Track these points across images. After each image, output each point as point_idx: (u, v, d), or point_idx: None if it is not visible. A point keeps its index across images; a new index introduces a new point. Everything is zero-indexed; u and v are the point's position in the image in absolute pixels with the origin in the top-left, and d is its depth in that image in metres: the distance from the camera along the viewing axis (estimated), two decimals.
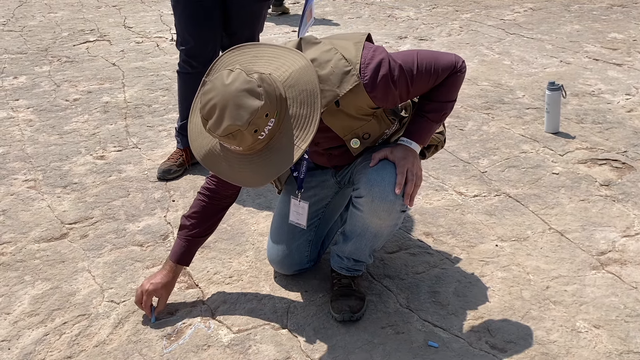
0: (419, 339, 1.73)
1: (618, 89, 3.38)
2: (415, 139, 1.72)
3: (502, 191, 2.47)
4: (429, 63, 1.66)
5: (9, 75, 4.06)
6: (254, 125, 1.42)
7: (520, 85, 3.53)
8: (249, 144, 1.45)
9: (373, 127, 1.71)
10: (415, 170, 1.68)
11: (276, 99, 1.46)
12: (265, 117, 1.43)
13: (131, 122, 3.28)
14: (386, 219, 1.72)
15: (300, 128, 1.48)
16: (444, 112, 1.74)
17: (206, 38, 2.58)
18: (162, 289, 1.84)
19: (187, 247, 1.86)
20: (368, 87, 1.58)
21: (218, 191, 1.83)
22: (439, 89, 1.70)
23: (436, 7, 5.39)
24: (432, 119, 1.73)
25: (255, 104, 1.41)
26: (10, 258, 2.18)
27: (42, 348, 1.77)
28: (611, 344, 1.69)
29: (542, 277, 1.96)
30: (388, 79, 1.59)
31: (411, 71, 1.63)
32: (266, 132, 1.45)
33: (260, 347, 1.74)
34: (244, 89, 1.42)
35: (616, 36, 4.29)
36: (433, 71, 1.66)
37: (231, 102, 1.41)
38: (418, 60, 1.65)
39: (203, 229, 1.86)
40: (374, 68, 1.59)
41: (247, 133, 1.42)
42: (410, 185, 1.67)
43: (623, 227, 2.19)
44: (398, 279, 1.99)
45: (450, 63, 1.68)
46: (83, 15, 5.54)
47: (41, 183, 2.69)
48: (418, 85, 1.66)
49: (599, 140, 2.82)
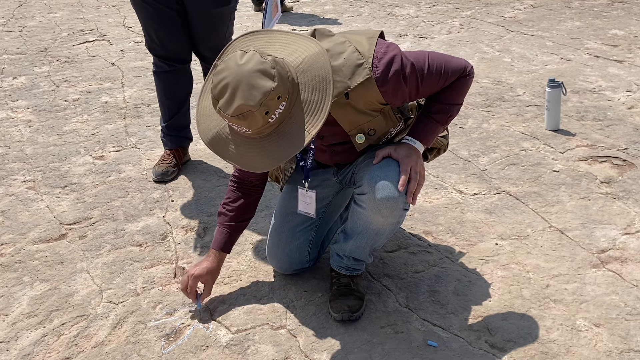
0: (419, 339, 1.73)
1: (619, 86, 3.37)
2: (419, 138, 1.72)
3: (502, 189, 2.46)
4: (440, 64, 1.67)
5: (8, 75, 4.06)
6: (265, 107, 1.41)
7: (520, 83, 3.51)
8: (259, 127, 1.44)
9: (379, 124, 1.71)
10: (418, 168, 1.68)
11: (289, 82, 1.45)
12: (277, 100, 1.42)
13: (130, 122, 3.28)
14: (388, 216, 1.71)
15: (310, 114, 1.47)
16: (450, 114, 1.74)
17: (177, 40, 2.52)
18: (207, 274, 1.85)
19: (228, 235, 1.88)
20: (379, 81, 1.58)
21: (242, 178, 1.86)
22: (447, 91, 1.71)
23: (436, 4, 5.38)
24: (437, 120, 1.73)
25: (268, 85, 1.40)
26: (9, 259, 2.18)
27: (40, 349, 1.77)
28: (611, 342, 1.68)
29: (542, 275, 1.95)
30: (399, 74, 1.60)
31: (422, 70, 1.64)
32: (277, 115, 1.44)
33: (259, 347, 1.73)
34: (257, 70, 1.41)
35: (617, 33, 4.27)
36: (443, 72, 1.67)
37: (244, 82, 1.40)
38: (429, 60, 1.66)
39: (238, 215, 1.88)
40: (387, 63, 1.59)
41: (258, 114, 1.41)
42: (414, 183, 1.66)
43: (624, 225, 2.18)
44: (397, 278, 1.98)
45: (459, 66, 1.70)
46: (82, 15, 5.54)
47: (40, 183, 2.69)
48: (427, 84, 1.67)
49: (600, 137, 2.81)
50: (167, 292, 1.98)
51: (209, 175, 2.71)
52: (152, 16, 2.48)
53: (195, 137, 2.96)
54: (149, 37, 2.55)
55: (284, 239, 1.94)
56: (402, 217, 1.75)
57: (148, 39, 2.56)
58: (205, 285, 1.87)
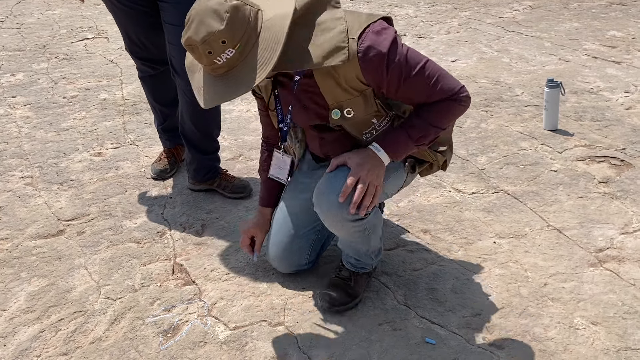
0: (417, 336, 1.73)
1: (617, 87, 3.38)
2: (385, 147, 1.63)
3: (500, 188, 2.46)
4: (433, 74, 1.59)
5: (6, 72, 4.05)
6: (207, 46, 1.43)
7: (519, 83, 3.52)
8: (204, 63, 1.48)
9: (358, 105, 1.62)
10: (369, 178, 1.60)
11: (242, 32, 1.45)
12: (222, 44, 1.43)
13: (129, 119, 3.27)
14: (341, 229, 1.70)
15: (260, 68, 1.46)
16: (425, 135, 1.63)
17: (157, 42, 2.41)
18: (255, 228, 1.95)
19: (267, 190, 1.97)
20: (361, 53, 1.52)
21: (267, 135, 1.96)
22: (431, 108, 1.62)
23: (435, 4, 5.38)
24: (410, 136, 1.63)
25: (214, 26, 1.42)
26: (7, 255, 2.18)
27: (37, 345, 1.76)
28: (609, 340, 1.68)
29: (540, 274, 1.96)
30: (384, 58, 1.52)
31: (410, 68, 1.56)
32: (223, 59, 1.45)
33: (257, 344, 1.73)
34: (212, 9, 1.43)
35: (615, 34, 4.28)
36: (432, 83, 1.59)
37: (198, 17, 1.44)
38: (424, 64, 1.58)
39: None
40: (376, 40, 1.52)
41: (201, 51, 1.44)
42: (358, 193, 1.58)
43: (621, 224, 2.18)
44: (396, 275, 1.98)
45: (451, 86, 1.61)
46: (81, 13, 5.53)
47: (38, 180, 2.68)
48: (410, 85, 1.58)
49: (598, 137, 2.82)
50: (165, 288, 1.97)
51: None
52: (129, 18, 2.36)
53: None
54: (129, 40, 2.45)
55: (285, 241, 1.93)
56: (361, 226, 1.69)
57: (128, 41, 2.46)
58: (257, 237, 1.95)
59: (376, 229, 1.78)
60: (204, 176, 2.50)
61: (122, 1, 2.30)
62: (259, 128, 3.13)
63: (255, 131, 3.09)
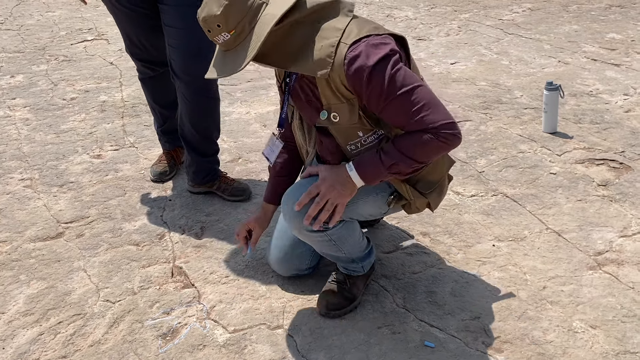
0: (416, 339, 1.73)
1: (616, 89, 3.38)
2: (358, 168, 1.59)
3: (499, 191, 2.46)
4: (417, 101, 1.50)
5: (6, 74, 4.05)
6: (206, 25, 1.55)
7: (518, 85, 3.52)
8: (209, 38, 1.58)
9: (344, 112, 1.58)
10: (329, 195, 1.59)
11: (237, 21, 1.52)
12: (218, 27, 1.53)
13: (128, 121, 3.27)
14: (302, 236, 1.73)
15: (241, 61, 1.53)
16: (395, 163, 1.55)
17: (157, 44, 2.41)
18: (254, 222, 1.95)
19: (273, 187, 1.94)
20: (347, 60, 1.50)
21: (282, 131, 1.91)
22: (406, 137, 1.54)
23: (435, 7, 5.39)
24: (383, 162, 1.57)
25: (212, 10, 1.52)
26: (6, 257, 2.18)
27: (36, 347, 1.76)
28: (608, 344, 1.69)
29: (539, 277, 1.96)
30: (367, 71, 1.48)
31: (393, 89, 1.50)
32: (220, 40, 1.55)
33: (256, 347, 1.73)
34: None
35: (614, 36, 4.29)
36: (413, 110, 1.50)
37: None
38: (411, 89, 1.50)
39: (281, 170, 1.93)
40: (365, 51, 1.50)
41: (203, 28, 1.56)
42: (313, 207, 1.59)
43: (620, 227, 2.18)
44: (395, 278, 1.98)
45: (434, 119, 1.50)
46: (81, 14, 5.53)
47: (37, 182, 2.68)
48: (390, 107, 1.52)
49: (597, 140, 2.82)
50: (164, 291, 1.97)
51: None
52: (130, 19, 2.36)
53: None
54: (130, 41, 2.45)
55: (287, 245, 1.93)
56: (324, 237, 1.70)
57: (128, 43, 2.46)
58: (254, 231, 1.95)
59: (346, 240, 1.76)
60: (203, 179, 2.50)
61: (123, 3, 2.30)
62: (258, 130, 3.13)
63: (255, 133, 3.10)
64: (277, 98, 3.54)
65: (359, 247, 1.83)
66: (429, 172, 1.72)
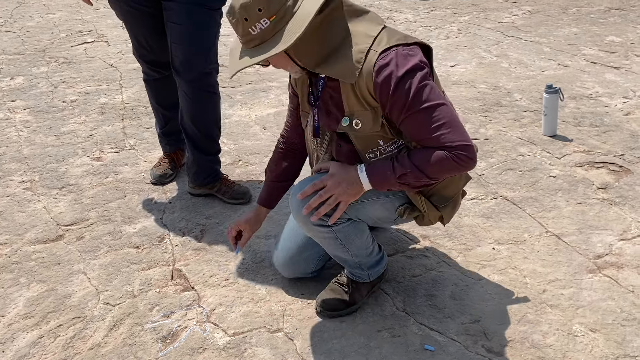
0: (415, 343, 1.73)
1: (615, 92, 3.38)
2: (368, 170, 1.60)
3: (499, 194, 2.46)
4: (439, 118, 1.52)
5: (6, 76, 4.06)
6: (245, 12, 1.48)
7: (518, 88, 3.52)
8: (241, 32, 1.53)
9: (367, 119, 1.60)
10: (333, 189, 1.60)
11: (280, 5, 1.49)
12: (259, 12, 1.48)
13: (128, 124, 3.28)
14: (306, 230, 1.74)
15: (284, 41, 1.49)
16: (407, 175, 1.56)
17: (163, 45, 2.42)
18: (245, 223, 1.94)
19: (270, 191, 1.95)
20: (376, 67, 1.52)
21: (287, 137, 1.92)
22: (423, 151, 1.55)
23: (434, 9, 5.39)
24: (394, 169, 1.57)
25: None
26: (6, 260, 2.18)
27: (36, 351, 1.76)
28: (607, 347, 1.69)
29: (539, 280, 1.96)
30: (394, 80, 1.51)
31: (417, 102, 1.51)
32: (257, 29, 1.50)
33: (255, 350, 1.73)
34: None
35: (614, 39, 4.29)
36: (432, 127, 1.52)
37: None
38: (434, 105, 1.52)
39: (280, 174, 1.93)
40: (395, 60, 1.52)
41: (239, 17, 1.50)
42: (315, 198, 1.61)
43: (620, 231, 2.19)
44: (395, 282, 1.98)
45: (452, 138, 1.52)
46: (81, 16, 5.54)
47: (37, 184, 2.69)
48: (410, 119, 1.54)
49: (597, 143, 2.82)
50: (164, 294, 1.97)
51: None
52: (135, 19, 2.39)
53: None
54: (137, 42, 2.47)
55: (295, 248, 1.93)
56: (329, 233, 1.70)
57: (136, 44, 2.48)
58: (245, 232, 1.94)
59: (352, 241, 1.75)
60: (204, 179, 2.50)
61: (128, 2, 2.34)
62: (258, 133, 3.13)
63: (255, 136, 3.10)
64: (277, 100, 3.54)
65: (367, 250, 1.82)
66: (445, 187, 1.73)
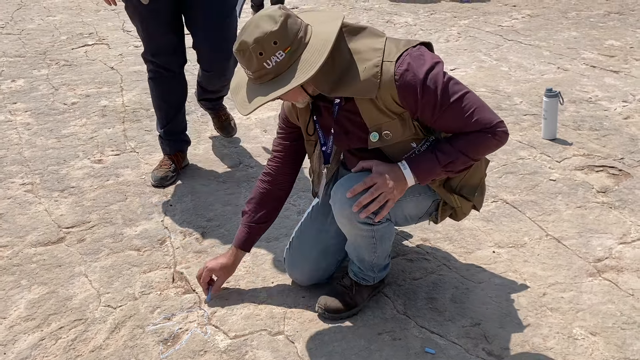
0: (416, 346, 1.73)
1: (615, 96, 3.40)
2: (412, 166, 1.63)
3: (499, 197, 2.47)
4: (470, 105, 1.58)
5: (7, 78, 4.06)
6: (260, 47, 1.47)
7: (517, 92, 3.53)
8: (254, 68, 1.50)
9: (396, 128, 1.62)
10: (383, 187, 1.61)
11: (294, 36, 1.50)
12: (274, 45, 1.47)
13: (129, 126, 3.28)
14: (348, 227, 1.71)
15: (302, 71, 1.49)
16: (453, 161, 1.62)
17: (175, 45, 2.53)
18: (221, 269, 1.91)
19: (248, 234, 1.90)
20: (397, 76, 1.54)
21: (273, 175, 1.88)
22: (463, 137, 1.62)
23: (434, 13, 5.41)
24: (438, 159, 1.62)
25: (267, 27, 1.48)
26: (7, 262, 2.18)
27: (38, 353, 1.76)
28: (608, 351, 1.69)
29: (539, 283, 1.96)
30: (419, 83, 1.54)
31: (446, 97, 1.56)
32: (273, 62, 1.49)
33: (256, 353, 1.74)
34: (266, 14, 1.51)
35: (613, 43, 4.31)
36: (467, 115, 1.58)
37: (253, 22, 1.51)
38: (462, 95, 1.58)
39: (261, 216, 1.89)
40: (412, 64, 1.55)
41: (253, 53, 1.48)
42: (367, 196, 1.61)
43: (620, 234, 2.19)
44: (395, 284, 1.99)
45: (488, 119, 1.60)
46: (82, 19, 5.55)
47: (38, 187, 2.69)
48: (444, 114, 1.58)
49: (596, 147, 2.83)
50: (165, 296, 1.98)
51: (207, 180, 2.72)
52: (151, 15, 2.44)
53: (194, 142, 2.97)
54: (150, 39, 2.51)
55: (314, 256, 1.91)
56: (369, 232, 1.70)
57: (148, 40, 2.52)
58: (218, 279, 1.92)
59: (384, 242, 1.77)
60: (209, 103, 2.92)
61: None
62: (259, 136, 3.14)
63: (256, 139, 3.10)
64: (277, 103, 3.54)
65: (387, 254, 1.84)
66: (470, 176, 1.77)
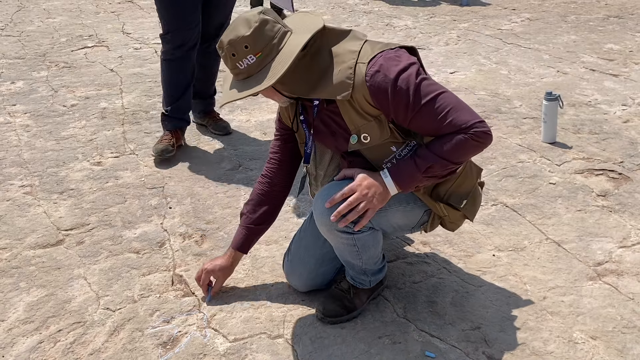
0: (416, 349, 1.73)
1: (614, 100, 3.40)
2: (393, 175, 1.61)
3: (499, 201, 2.47)
4: (444, 106, 1.55)
5: (6, 80, 4.06)
6: (232, 48, 1.57)
7: (517, 95, 3.54)
8: (229, 67, 1.62)
9: (373, 131, 1.61)
10: (362, 198, 1.58)
11: (266, 43, 1.56)
12: (245, 49, 1.55)
13: (128, 129, 3.28)
14: (328, 235, 1.71)
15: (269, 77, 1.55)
16: (431, 166, 1.58)
17: (193, 25, 2.74)
18: (219, 271, 1.92)
19: (246, 236, 1.92)
20: (368, 77, 1.55)
21: (271, 177, 1.89)
22: (440, 140, 1.57)
23: (434, 16, 5.41)
24: (417, 165, 1.59)
25: (241, 31, 1.56)
26: (6, 264, 2.17)
27: (36, 356, 1.76)
28: (608, 355, 1.69)
29: (539, 287, 1.96)
30: (390, 83, 1.54)
31: (419, 98, 1.54)
32: (244, 64, 1.57)
33: (256, 356, 1.73)
34: (245, 18, 1.58)
35: (612, 47, 4.31)
36: (441, 116, 1.54)
37: (233, 24, 1.59)
38: (436, 96, 1.55)
39: (259, 218, 1.90)
40: (384, 65, 1.55)
41: (227, 53, 1.58)
42: (345, 205, 1.58)
43: (620, 238, 2.19)
44: (395, 288, 1.98)
45: (463, 120, 1.55)
46: (81, 21, 5.55)
47: (37, 189, 2.68)
48: (418, 116, 1.56)
49: (596, 150, 2.83)
50: (164, 299, 1.97)
51: (207, 182, 2.71)
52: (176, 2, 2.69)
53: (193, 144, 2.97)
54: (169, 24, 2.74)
55: (312, 262, 1.91)
56: (349, 241, 1.69)
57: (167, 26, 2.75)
58: (217, 280, 1.94)
59: (367, 250, 1.75)
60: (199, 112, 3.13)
61: None
62: (258, 138, 3.14)
63: (255, 141, 3.10)
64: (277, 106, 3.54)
65: (376, 260, 1.82)
66: (459, 185, 1.73)
